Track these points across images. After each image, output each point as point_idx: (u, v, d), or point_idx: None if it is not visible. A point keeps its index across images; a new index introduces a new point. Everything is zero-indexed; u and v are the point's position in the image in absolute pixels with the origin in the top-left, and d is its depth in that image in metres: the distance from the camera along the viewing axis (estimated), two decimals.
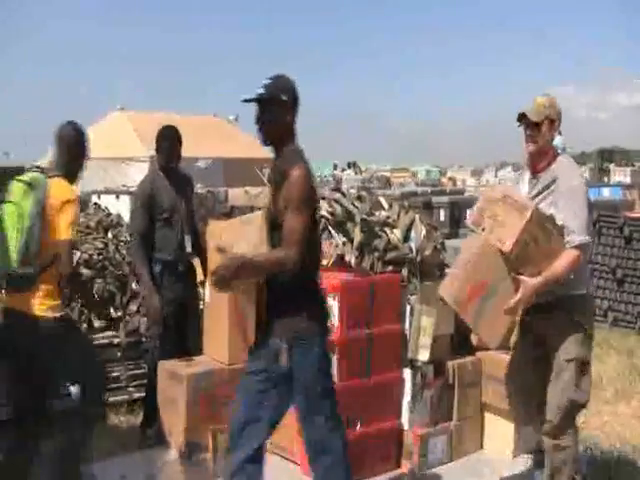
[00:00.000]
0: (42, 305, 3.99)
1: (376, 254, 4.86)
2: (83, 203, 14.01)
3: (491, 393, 4.98)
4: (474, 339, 4.74)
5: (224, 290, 3.44)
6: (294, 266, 3.25)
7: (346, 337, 4.45)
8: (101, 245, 6.53)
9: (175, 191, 5.27)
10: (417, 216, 5.26)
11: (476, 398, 5.00)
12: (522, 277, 3.78)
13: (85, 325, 5.88)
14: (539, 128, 3.97)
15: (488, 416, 5.06)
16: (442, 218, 13.11)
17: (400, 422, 4.77)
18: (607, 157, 37.85)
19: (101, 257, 6.34)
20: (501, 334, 3.94)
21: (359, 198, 5.25)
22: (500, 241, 3.72)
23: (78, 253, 6.31)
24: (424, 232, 5.15)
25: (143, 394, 5.49)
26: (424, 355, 4.73)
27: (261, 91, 3.45)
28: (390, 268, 4.88)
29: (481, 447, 5.07)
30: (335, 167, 40.20)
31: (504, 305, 3.80)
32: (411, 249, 5.03)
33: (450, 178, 39.32)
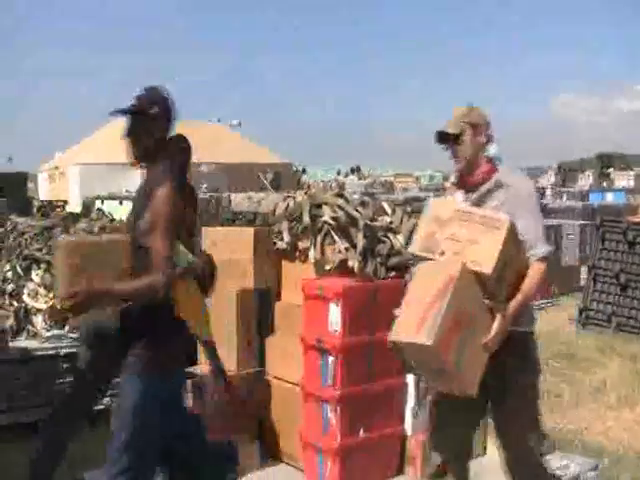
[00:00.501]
0: None
1: (379, 259, 4.85)
2: (86, 208, 14.11)
3: None
4: (452, 388, 3.34)
5: (78, 314, 3.22)
6: (164, 292, 3.04)
7: (349, 343, 4.44)
8: None
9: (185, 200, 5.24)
10: None
11: None
12: (495, 304, 3.21)
13: None
14: (461, 139, 3.50)
15: (491, 421, 5.05)
16: None
17: (403, 428, 4.76)
18: (606, 162, 38.08)
19: None
20: (479, 376, 3.19)
21: (362, 204, 5.24)
22: (475, 263, 3.13)
23: None
24: None
25: None
26: None
27: (131, 103, 3.26)
28: (393, 273, 4.88)
29: (484, 452, 5.06)
30: (338, 172, 40.28)
31: (482, 340, 3.17)
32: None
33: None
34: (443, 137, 3.55)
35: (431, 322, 3.00)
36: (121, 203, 13.01)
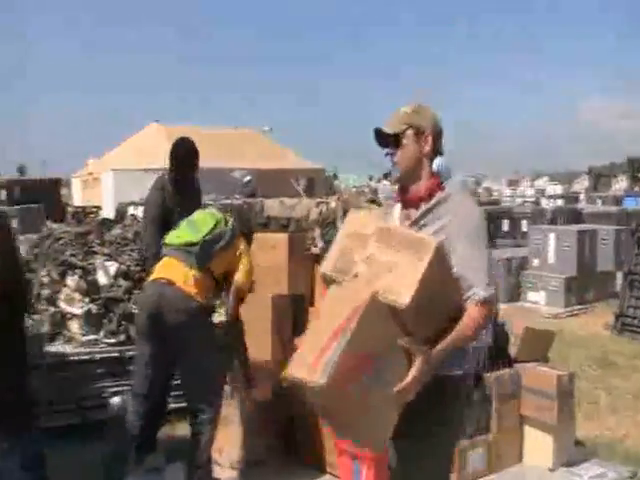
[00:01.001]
0: (192, 290, 4.25)
1: None
2: (120, 214, 14.22)
3: (530, 405, 4.93)
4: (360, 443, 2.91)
5: None
6: None
7: None
8: (138, 256, 6.57)
9: (186, 207, 5.20)
10: None
11: (515, 410, 4.95)
12: (414, 346, 2.53)
13: (124, 336, 5.91)
14: (400, 142, 2.89)
15: (527, 429, 5.01)
16: None
17: None
18: (637, 166, 37.85)
19: (139, 268, 6.38)
20: (389, 431, 2.62)
21: None
22: (389, 292, 2.50)
23: (116, 265, 6.37)
24: None
25: (181, 404, 5.32)
26: None
27: None
28: None
29: (520, 460, 5.02)
30: (370, 178, 40.21)
31: (395, 387, 2.52)
32: None
33: (486, 188, 39.15)
34: (381, 137, 2.93)
35: (327, 359, 2.43)
36: None
